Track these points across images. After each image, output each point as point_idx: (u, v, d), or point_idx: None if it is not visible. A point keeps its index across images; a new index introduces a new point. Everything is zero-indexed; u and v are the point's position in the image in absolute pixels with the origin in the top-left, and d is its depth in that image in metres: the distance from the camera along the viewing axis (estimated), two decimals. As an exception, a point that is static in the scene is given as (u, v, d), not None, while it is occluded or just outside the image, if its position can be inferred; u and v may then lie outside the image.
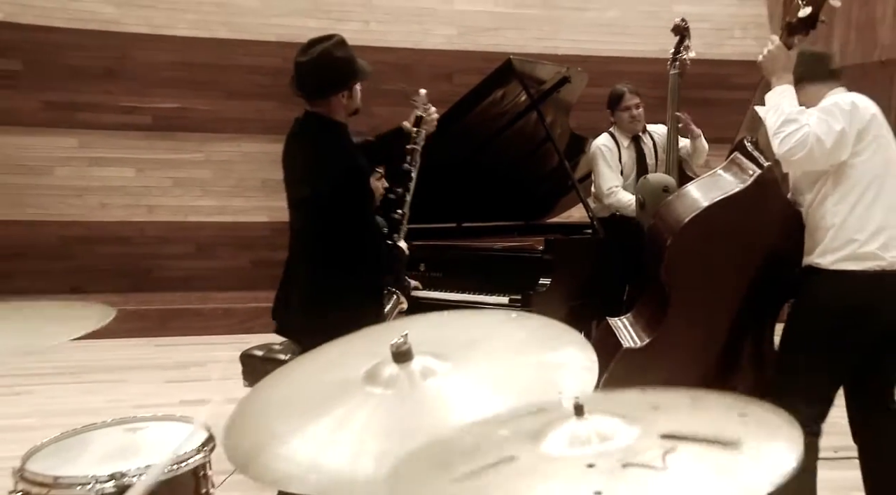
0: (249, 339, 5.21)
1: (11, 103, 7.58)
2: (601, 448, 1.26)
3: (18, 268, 7.42)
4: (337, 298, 3.24)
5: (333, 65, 3.42)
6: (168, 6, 7.71)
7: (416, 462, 1.41)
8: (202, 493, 2.11)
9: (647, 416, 1.34)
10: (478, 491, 1.22)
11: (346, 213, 3.33)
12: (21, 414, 5.11)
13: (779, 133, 3.11)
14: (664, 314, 3.56)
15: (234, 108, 7.96)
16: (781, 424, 1.35)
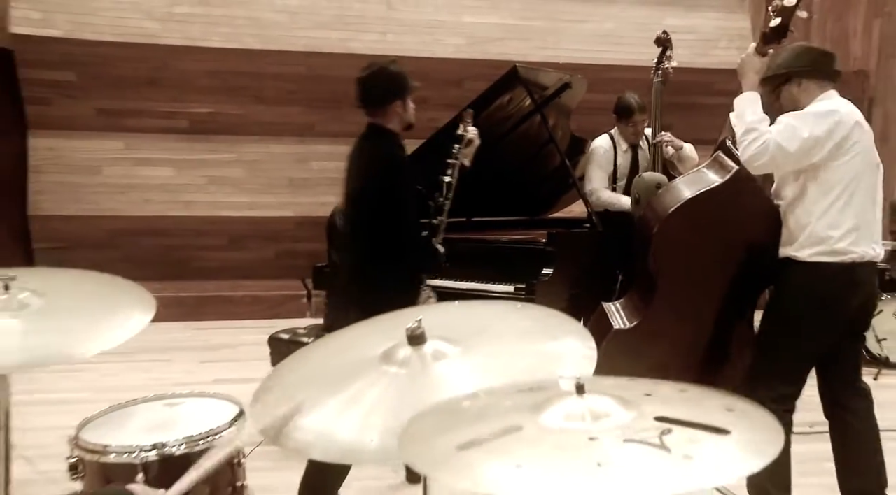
0: (276, 324, 5.23)
1: (68, 111, 7.61)
2: (598, 425, 1.26)
3: (75, 257, 7.41)
4: (377, 285, 3.36)
5: (388, 77, 3.55)
6: (204, 21, 7.72)
7: (425, 425, 1.41)
8: (234, 462, 2.11)
9: (640, 401, 1.34)
10: (488, 456, 1.22)
11: (389, 212, 3.40)
12: (77, 389, 5.15)
13: (742, 141, 3.14)
14: (651, 298, 3.56)
15: (263, 112, 7.96)
16: (764, 418, 1.35)
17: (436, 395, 1.59)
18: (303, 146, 8.11)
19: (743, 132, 3.13)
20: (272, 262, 8.04)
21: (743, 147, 3.13)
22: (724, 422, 1.27)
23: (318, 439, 1.58)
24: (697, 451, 1.19)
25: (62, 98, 7.56)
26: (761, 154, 3.08)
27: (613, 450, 1.19)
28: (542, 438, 1.24)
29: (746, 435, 1.25)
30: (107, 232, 7.75)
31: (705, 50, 8.47)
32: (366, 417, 1.59)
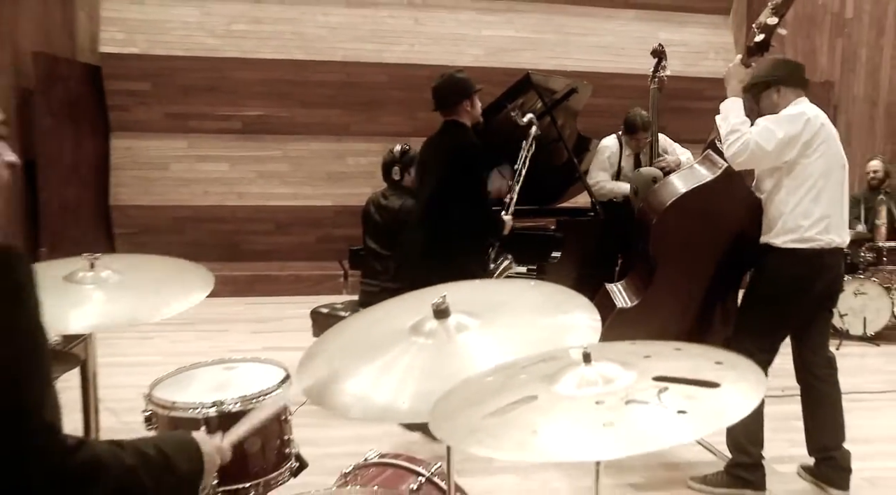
0: (316, 300, 5.24)
1: (142, 115, 7.68)
2: (605, 388, 1.25)
3: (146, 241, 7.52)
4: (457, 255, 3.58)
5: (456, 82, 3.81)
6: (256, 36, 7.73)
7: (453, 399, 1.40)
8: (282, 418, 2.11)
9: (641, 363, 1.32)
10: (507, 424, 1.21)
11: (469, 191, 3.63)
12: (149, 354, 5.21)
13: (726, 140, 3.17)
14: (650, 280, 3.56)
15: (306, 115, 7.96)
16: (749, 369, 1.34)
17: (459, 364, 1.59)
18: (340, 144, 8.11)
19: (727, 132, 3.15)
20: (313, 246, 8.05)
21: (727, 145, 3.16)
22: (714, 376, 1.26)
23: (356, 401, 1.58)
24: (690, 406, 1.18)
25: (138, 105, 7.64)
26: (742, 152, 3.11)
27: (617, 411, 1.18)
28: (555, 405, 1.23)
29: (734, 385, 1.24)
30: (172, 219, 7.80)
31: (695, 61, 8.39)
32: (398, 382, 1.58)
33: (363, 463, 2.08)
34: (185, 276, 2.31)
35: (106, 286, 2.21)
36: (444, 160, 3.70)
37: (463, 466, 1.80)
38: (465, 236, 3.69)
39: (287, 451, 2.11)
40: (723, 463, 3.45)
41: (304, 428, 2.23)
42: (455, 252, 3.60)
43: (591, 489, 3.46)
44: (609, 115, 7.20)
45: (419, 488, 1.91)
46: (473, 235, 3.75)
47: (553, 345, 1.57)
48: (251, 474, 2.02)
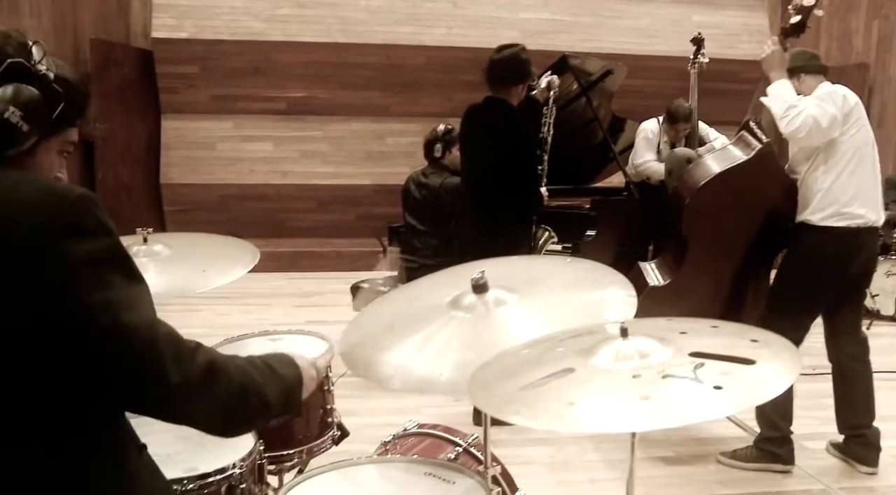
0: (356, 275, 5.26)
1: (191, 97, 7.72)
2: (642, 363, 1.23)
3: (194, 218, 7.62)
4: (505, 221, 3.54)
5: (520, 63, 3.60)
6: (299, 20, 7.72)
7: (491, 371, 1.39)
8: (324, 388, 2.12)
9: (677, 339, 1.30)
10: (545, 396, 1.20)
11: (517, 167, 3.52)
12: (196, 326, 5.22)
13: (785, 117, 3.06)
14: (683, 259, 3.52)
15: (347, 96, 7.95)
16: (784, 347, 1.31)
17: (497, 337, 1.58)
18: (379, 125, 8.10)
19: (786, 109, 3.05)
20: (353, 223, 8.08)
21: (787, 121, 3.04)
22: (750, 353, 1.23)
23: (397, 372, 1.58)
24: (726, 382, 1.16)
25: (187, 87, 7.69)
26: (803, 127, 3.02)
27: (654, 385, 1.16)
28: (592, 378, 1.22)
29: (769, 363, 1.22)
30: (219, 197, 7.87)
31: (729, 43, 8.20)
32: (437, 355, 1.58)
33: (402, 432, 2.09)
34: (233, 251, 2.34)
35: (158, 259, 2.26)
36: (493, 140, 3.56)
37: (498, 437, 1.80)
38: (517, 218, 3.63)
39: (329, 420, 2.13)
40: (752, 438, 3.42)
41: (344, 398, 2.25)
42: (507, 235, 3.53)
43: (623, 461, 3.45)
44: (643, 96, 7.12)
45: (456, 457, 1.92)
46: (523, 215, 3.69)
47: (589, 320, 1.56)
48: (295, 441, 2.04)
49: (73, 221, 1.14)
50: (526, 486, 1.97)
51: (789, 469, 3.30)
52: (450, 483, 1.63)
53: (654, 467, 3.36)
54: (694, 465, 3.40)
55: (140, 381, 1.16)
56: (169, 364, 1.16)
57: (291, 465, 2.09)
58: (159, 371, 1.15)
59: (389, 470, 1.70)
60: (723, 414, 1.12)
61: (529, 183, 3.62)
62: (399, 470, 1.70)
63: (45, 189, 1.17)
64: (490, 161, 3.54)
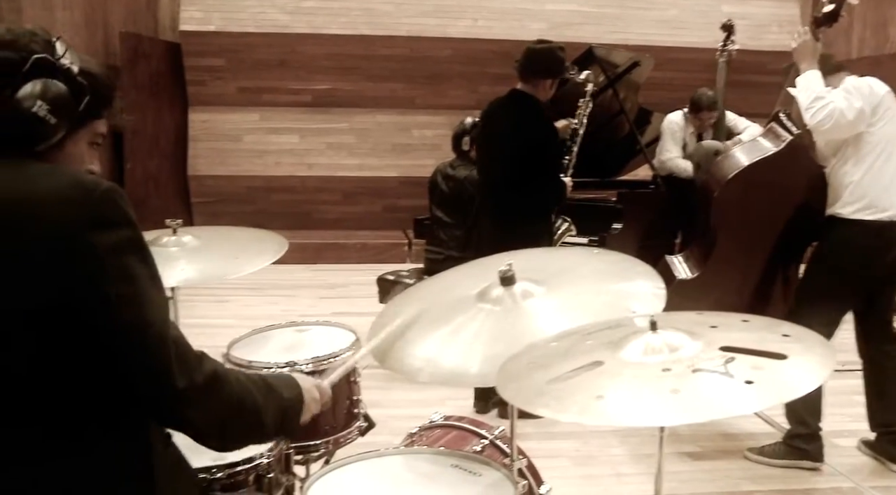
0: (382, 267, 5.27)
1: (218, 90, 7.78)
2: (671, 356, 1.22)
3: (222, 210, 7.68)
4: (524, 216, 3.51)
5: (555, 58, 3.58)
6: (325, 12, 7.73)
7: (519, 363, 1.38)
8: (351, 380, 2.13)
9: (707, 333, 1.29)
10: (573, 388, 1.19)
11: (537, 163, 3.48)
12: (224, 316, 5.32)
13: (810, 108, 3.01)
14: (711, 252, 3.49)
15: (373, 88, 7.96)
16: (817, 342, 1.29)
17: (525, 329, 1.57)
18: (405, 117, 8.10)
19: (812, 100, 2.99)
20: (378, 215, 8.09)
21: (812, 113, 2.99)
22: (782, 348, 1.22)
23: (425, 364, 1.58)
24: (758, 376, 1.14)
25: (214, 80, 7.75)
26: (827, 120, 2.96)
27: (684, 379, 1.15)
28: (621, 371, 1.21)
29: (801, 358, 1.20)
30: (246, 188, 7.93)
31: (758, 34, 8.07)
32: (465, 347, 1.58)
33: (428, 424, 2.09)
34: (261, 243, 2.37)
35: (187, 249, 2.30)
36: (516, 134, 3.52)
37: (523, 430, 1.79)
38: (534, 213, 3.59)
39: (356, 411, 2.13)
40: (780, 434, 3.38)
41: (369, 390, 2.25)
42: (524, 230, 3.48)
43: (649, 456, 3.44)
44: (670, 88, 7.03)
45: (482, 450, 1.92)
46: (541, 210, 3.65)
47: (617, 312, 1.54)
48: (321, 432, 2.05)
49: (100, 213, 1.16)
50: (551, 480, 1.97)
51: (818, 466, 3.26)
52: (476, 475, 1.63)
53: (681, 462, 3.33)
54: (721, 461, 3.37)
55: (147, 378, 1.18)
56: (175, 365, 1.17)
57: (318, 455, 2.10)
58: (166, 370, 1.17)
59: (416, 462, 1.70)
60: (754, 409, 1.10)
61: (549, 179, 3.58)
62: (426, 461, 1.70)
63: (73, 181, 1.19)
64: (510, 155, 3.50)
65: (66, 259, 1.13)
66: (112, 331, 1.15)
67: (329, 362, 2.04)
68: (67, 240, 1.13)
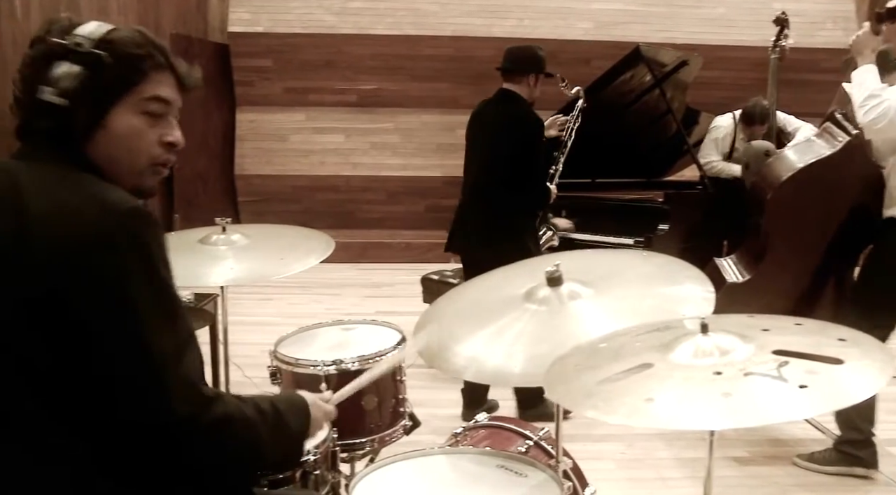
0: (425, 267, 5.28)
1: (265, 90, 7.89)
2: (722, 360, 1.20)
3: (267, 209, 7.79)
4: (508, 217, 3.50)
5: (532, 54, 3.64)
6: (371, 13, 7.79)
7: (567, 364, 1.38)
8: (397, 379, 2.15)
9: (759, 336, 1.26)
10: (622, 390, 1.18)
11: (527, 161, 3.49)
12: (269, 314, 5.37)
13: (863, 106, 2.91)
14: (762, 256, 3.43)
15: (417, 88, 7.98)
16: (875, 347, 1.26)
17: (571, 331, 1.57)
18: (449, 116, 8.09)
19: (865, 97, 2.90)
20: (422, 215, 8.11)
21: (865, 111, 2.90)
22: (837, 353, 1.19)
23: (470, 364, 1.58)
24: (812, 381, 1.12)
25: (261, 80, 7.85)
26: (881, 118, 2.86)
27: (736, 383, 1.13)
28: (671, 374, 1.20)
29: (858, 363, 1.17)
30: (291, 188, 8.03)
31: (812, 31, 7.89)
32: (511, 347, 1.58)
33: (473, 424, 2.09)
34: (308, 241, 2.40)
35: (236, 247, 2.35)
36: (505, 132, 3.53)
37: (567, 432, 1.78)
38: (525, 210, 3.60)
39: (401, 410, 2.15)
40: (831, 441, 3.30)
41: (413, 389, 2.26)
42: (516, 228, 3.52)
43: (695, 460, 3.39)
44: (719, 87, 6.93)
45: (527, 451, 1.91)
46: (531, 209, 3.65)
47: (666, 315, 1.53)
48: (367, 430, 2.07)
49: (109, 235, 1.11)
50: (596, 482, 1.96)
51: (872, 474, 3.17)
52: (522, 476, 1.63)
53: (728, 467, 3.28)
54: (769, 466, 3.31)
55: (138, 406, 1.12)
56: (176, 397, 1.12)
57: (363, 453, 2.11)
58: (162, 400, 1.12)
59: (461, 462, 1.71)
60: (809, 414, 1.08)
61: (536, 177, 3.59)
62: (471, 461, 1.71)
63: (94, 198, 1.14)
64: (499, 153, 3.52)
65: (72, 276, 1.09)
66: (105, 354, 1.11)
67: (375, 361, 2.06)
68: (75, 259, 1.10)
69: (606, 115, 5.00)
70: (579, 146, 4.25)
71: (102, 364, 1.11)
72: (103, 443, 1.14)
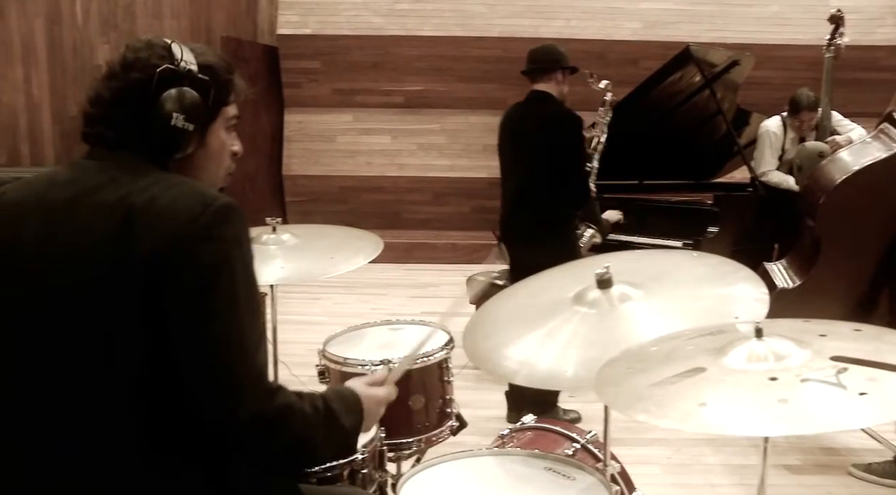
0: (471, 268, 5.27)
1: (313, 92, 7.97)
2: (777, 365, 1.18)
3: (315, 209, 7.87)
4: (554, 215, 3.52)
5: (553, 51, 3.67)
6: (418, 14, 7.82)
7: (617, 367, 1.37)
8: (444, 380, 2.15)
9: (815, 341, 1.24)
10: (674, 394, 1.17)
11: (568, 160, 3.50)
12: (316, 313, 5.42)
13: None
14: (815, 261, 3.35)
15: (464, 89, 7.98)
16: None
17: (622, 333, 1.56)
18: (496, 117, 7.89)
19: None
20: (468, 216, 8.11)
21: None
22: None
23: (520, 367, 1.58)
24: (873, 388, 1.09)
25: (309, 82, 7.94)
26: None
27: (792, 389, 1.11)
28: (725, 378, 1.18)
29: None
30: (338, 188, 8.10)
31: (870, 28, 7.68)
32: (561, 350, 1.57)
33: (519, 426, 2.09)
34: (356, 241, 2.42)
35: (286, 247, 2.38)
36: (543, 132, 3.53)
37: (613, 435, 1.77)
38: (568, 210, 3.59)
39: (448, 411, 2.16)
40: (890, 452, 3.21)
41: (459, 390, 2.27)
42: (562, 225, 3.54)
43: (743, 467, 3.33)
44: (770, 87, 6.78)
45: (574, 454, 1.90)
46: (572, 208, 3.62)
47: (718, 317, 1.51)
48: (414, 430, 2.08)
49: (209, 227, 1.18)
50: (643, 487, 1.94)
51: (931, 487, 3.08)
52: (570, 479, 1.62)
53: (779, 475, 3.21)
54: (822, 476, 3.23)
55: (217, 396, 1.18)
56: (249, 390, 1.18)
57: (410, 453, 2.13)
58: (239, 392, 1.17)
59: (509, 463, 1.71)
60: (869, 423, 1.06)
61: (579, 173, 3.59)
62: (518, 463, 1.71)
63: (193, 193, 1.22)
64: (541, 154, 3.52)
65: (170, 265, 1.15)
66: (189, 346, 1.16)
67: (423, 361, 2.07)
68: (174, 248, 1.16)
69: (655, 116, 4.95)
70: (627, 147, 4.22)
71: (189, 351, 1.17)
72: (171, 425, 1.20)
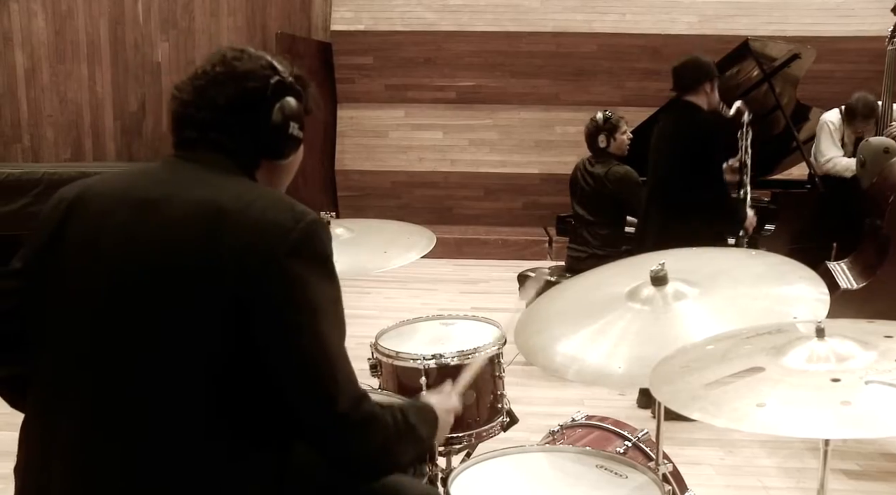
0: (522, 264, 5.25)
1: (366, 87, 8.04)
2: (839, 366, 1.15)
3: (366, 204, 7.95)
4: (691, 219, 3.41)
5: (700, 63, 3.64)
6: (471, 10, 7.82)
7: (673, 365, 1.35)
8: (496, 375, 2.15)
9: (881, 343, 1.20)
10: (732, 394, 1.15)
11: (702, 172, 3.48)
12: (366, 307, 5.44)
13: None
14: (881, 262, 3.24)
15: (517, 85, 7.96)
16: None
17: (676, 332, 1.53)
18: (548, 113, 8.04)
19: None
20: (519, 212, 8.08)
21: None
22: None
23: (572, 363, 1.57)
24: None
25: (362, 77, 8.00)
26: None
27: (855, 391, 1.08)
28: (784, 379, 1.15)
29: None
30: (390, 183, 8.15)
31: (939, 19, 7.40)
32: (613, 347, 1.56)
33: (570, 423, 2.08)
34: (410, 236, 2.43)
35: (339, 241, 2.36)
36: (679, 139, 3.54)
37: (665, 435, 1.74)
38: (702, 223, 3.44)
39: (499, 406, 2.15)
40: (954, 457, 3.10)
41: (509, 386, 2.26)
42: (690, 242, 3.45)
43: (798, 470, 3.25)
44: (831, 81, 6.59)
45: (625, 452, 1.89)
46: (709, 223, 3.48)
47: (775, 316, 1.48)
48: (465, 425, 2.08)
49: (300, 242, 1.22)
50: (694, 487, 1.91)
51: None
52: (622, 477, 1.61)
53: (836, 480, 3.12)
54: (883, 482, 3.13)
55: (308, 405, 1.21)
56: (338, 399, 1.20)
57: (460, 448, 2.13)
58: (327, 402, 1.20)
59: (560, 460, 1.70)
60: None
61: (717, 190, 3.54)
62: (570, 460, 1.70)
63: (284, 206, 1.26)
64: (673, 160, 3.53)
65: (260, 275, 1.18)
66: (282, 354, 1.19)
67: (474, 356, 2.07)
68: (264, 259, 1.19)
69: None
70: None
71: (282, 359, 1.20)
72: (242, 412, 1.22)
